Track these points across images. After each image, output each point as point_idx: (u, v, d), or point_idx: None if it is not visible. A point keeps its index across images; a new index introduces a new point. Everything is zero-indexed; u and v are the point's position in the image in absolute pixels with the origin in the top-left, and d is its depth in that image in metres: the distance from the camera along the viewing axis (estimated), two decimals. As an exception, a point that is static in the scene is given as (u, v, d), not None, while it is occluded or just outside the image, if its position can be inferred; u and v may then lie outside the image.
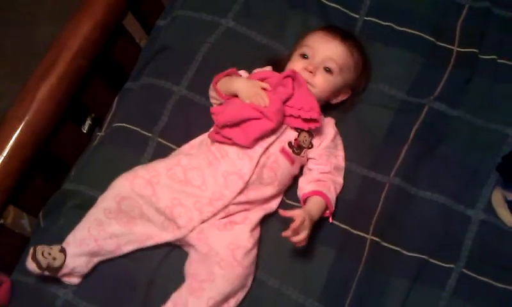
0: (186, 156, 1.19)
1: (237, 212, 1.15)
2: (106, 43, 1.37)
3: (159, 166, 1.17)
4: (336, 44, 1.24)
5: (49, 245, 1.11)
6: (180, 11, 1.44)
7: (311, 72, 1.21)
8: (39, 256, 1.09)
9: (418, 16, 1.39)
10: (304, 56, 1.23)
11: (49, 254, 1.10)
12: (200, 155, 1.18)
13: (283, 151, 1.18)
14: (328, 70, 1.22)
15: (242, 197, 1.14)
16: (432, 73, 1.33)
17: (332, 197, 1.18)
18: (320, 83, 1.22)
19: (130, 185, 1.13)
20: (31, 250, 1.10)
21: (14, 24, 2.17)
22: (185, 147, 1.24)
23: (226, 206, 1.13)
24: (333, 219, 1.19)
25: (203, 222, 1.12)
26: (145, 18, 1.52)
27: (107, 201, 1.14)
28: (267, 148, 1.16)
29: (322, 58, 1.22)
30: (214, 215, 1.13)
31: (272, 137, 1.17)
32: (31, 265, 1.09)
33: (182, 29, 1.41)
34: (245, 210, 1.16)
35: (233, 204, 1.14)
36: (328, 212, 1.18)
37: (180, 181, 1.15)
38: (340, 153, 1.24)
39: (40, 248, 1.10)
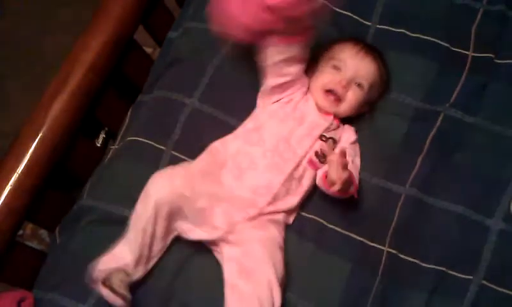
0: (212, 165, 1.19)
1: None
2: (118, 56, 1.37)
3: (193, 168, 1.17)
4: (370, 61, 1.23)
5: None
6: (191, 23, 1.44)
7: (344, 87, 1.20)
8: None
9: (432, 22, 1.37)
10: (336, 68, 1.22)
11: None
12: (223, 170, 1.18)
13: (310, 162, 1.18)
14: (359, 86, 1.22)
15: (270, 208, 1.15)
16: (448, 79, 1.31)
17: (355, 175, 1.17)
18: (351, 99, 1.21)
19: (170, 186, 1.12)
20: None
21: (26, 37, 2.19)
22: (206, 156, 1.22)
23: (259, 215, 1.13)
24: (357, 194, 1.16)
25: (237, 223, 1.12)
26: (156, 30, 1.52)
27: (148, 210, 1.11)
28: (297, 164, 1.17)
29: (355, 74, 1.21)
30: (247, 220, 1.13)
31: (302, 153, 1.17)
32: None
33: (194, 41, 1.41)
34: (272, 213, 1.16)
35: (263, 214, 1.14)
36: (353, 189, 1.15)
37: (215, 182, 1.15)
38: (358, 160, 1.23)
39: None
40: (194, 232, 1.13)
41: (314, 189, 1.21)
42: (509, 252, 1.13)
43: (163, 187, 1.12)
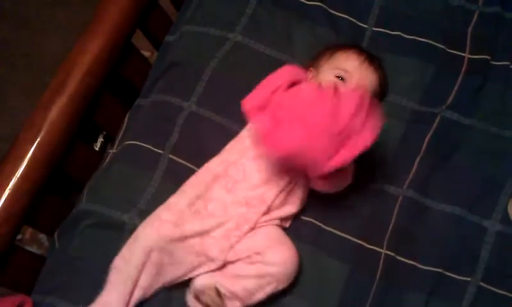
0: (203, 186, 1.18)
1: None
2: (116, 60, 1.38)
3: (181, 204, 1.15)
4: (372, 72, 1.23)
5: None
6: (188, 27, 1.44)
7: None
8: None
9: (428, 24, 1.37)
10: (339, 78, 1.20)
11: None
12: (216, 184, 1.17)
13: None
14: None
15: (265, 217, 1.15)
16: (444, 81, 1.31)
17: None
18: None
19: (157, 233, 1.12)
20: None
21: (25, 41, 2.19)
22: (200, 174, 1.21)
23: (252, 228, 1.13)
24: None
25: (233, 245, 1.13)
26: (154, 33, 1.52)
27: (136, 256, 1.11)
28: (294, 176, 1.16)
29: (359, 85, 1.20)
30: (242, 238, 1.13)
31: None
32: None
33: (191, 44, 1.41)
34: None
35: (258, 223, 1.14)
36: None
37: (203, 216, 1.14)
38: None
39: None
40: (192, 273, 1.13)
41: (311, 193, 1.21)
42: (506, 254, 1.13)
43: (150, 235, 1.12)
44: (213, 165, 1.20)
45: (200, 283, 1.11)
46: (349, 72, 1.21)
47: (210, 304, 1.08)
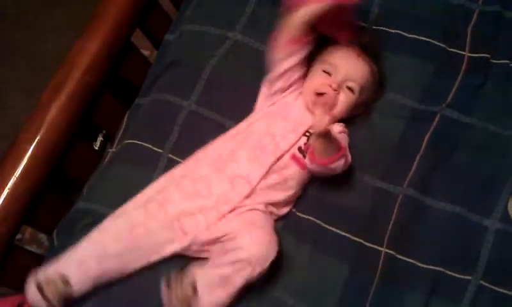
0: (194, 162, 1.21)
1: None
2: (115, 59, 1.37)
3: (163, 181, 1.19)
4: (362, 64, 1.23)
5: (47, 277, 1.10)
6: (188, 26, 1.44)
7: (335, 90, 1.20)
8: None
9: (428, 23, 1.37)
10: (327, 72, 1.22)
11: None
12: (206, 163, 1.18)
13: (294, 157, 1.18)
14: (350, 89, 1.21)
15: (248, 201, 1.15)
16: (444, 80, 1.31)
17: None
18: (342, 102, 1.21)
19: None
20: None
21: (25, 41, 2.20)
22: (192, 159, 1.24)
23: (232, 210, 1.14)
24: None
25: (208, 227, 1.13)
26: (153, 32, 1.52)
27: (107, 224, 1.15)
28: (279, 158, 1.16)
29: (345, 77, 1.20)
30: (220, 219, 1.13)
31: (285, 147, 1.17)
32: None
33: (190, 43, 1.41)
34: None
35: (240, 207, 1.14)
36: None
37: (189, 194, 1.15)
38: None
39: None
40: (164, 249, 1.13)
41: (311, 191, 1.21)
42: (506, 252, 1.13)
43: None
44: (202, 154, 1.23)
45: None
46: (334, 65, 1.21)
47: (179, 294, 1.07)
